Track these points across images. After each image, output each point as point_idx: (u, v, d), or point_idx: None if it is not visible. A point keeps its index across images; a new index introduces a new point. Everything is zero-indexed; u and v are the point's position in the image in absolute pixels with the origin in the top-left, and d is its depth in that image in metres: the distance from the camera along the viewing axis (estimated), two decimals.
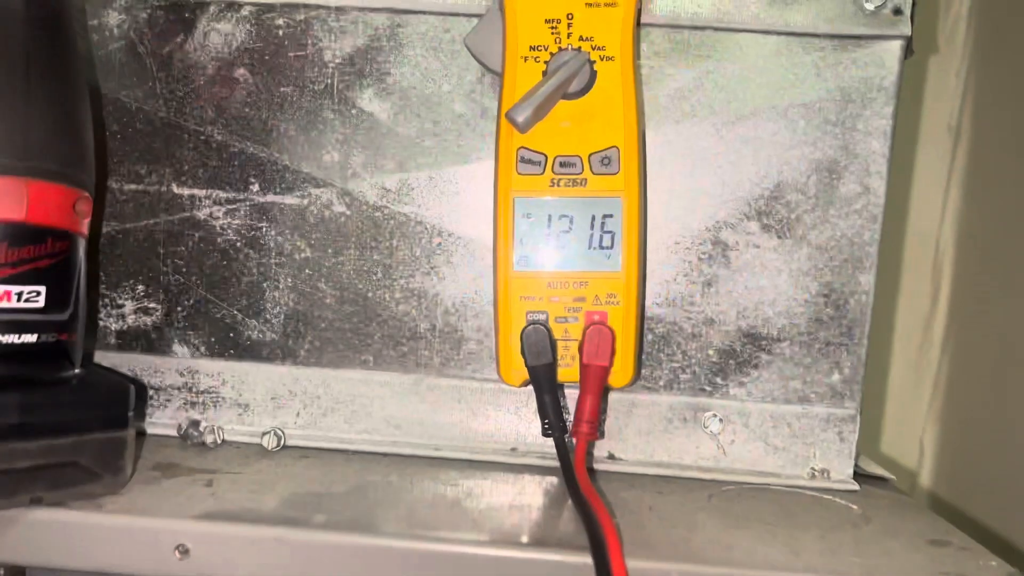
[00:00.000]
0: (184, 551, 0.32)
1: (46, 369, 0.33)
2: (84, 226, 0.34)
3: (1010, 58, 0.76)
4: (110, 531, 0.32)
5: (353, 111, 0.45)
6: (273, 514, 0.33)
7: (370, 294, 0.46)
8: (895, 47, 0.43)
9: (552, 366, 0.39)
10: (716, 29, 0.43)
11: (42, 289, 0.32)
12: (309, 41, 0.45)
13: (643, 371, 0.45)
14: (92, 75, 0.45)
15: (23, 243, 0.31)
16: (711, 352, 0.45)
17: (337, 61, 0.45)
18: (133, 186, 0.46)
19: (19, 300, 0.32)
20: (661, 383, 0.45)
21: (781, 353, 0.44)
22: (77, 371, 0.34)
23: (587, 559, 0.31)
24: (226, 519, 0.33)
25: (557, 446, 0.39)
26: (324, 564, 0.32)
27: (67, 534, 0.32)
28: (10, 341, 0.31)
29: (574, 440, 0.38)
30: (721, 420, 0.44)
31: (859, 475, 0.45)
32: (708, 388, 0.45)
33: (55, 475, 0.32)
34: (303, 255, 0.46)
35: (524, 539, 0.33)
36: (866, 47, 0.43)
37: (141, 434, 0.45)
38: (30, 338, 0.32)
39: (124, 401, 0.34)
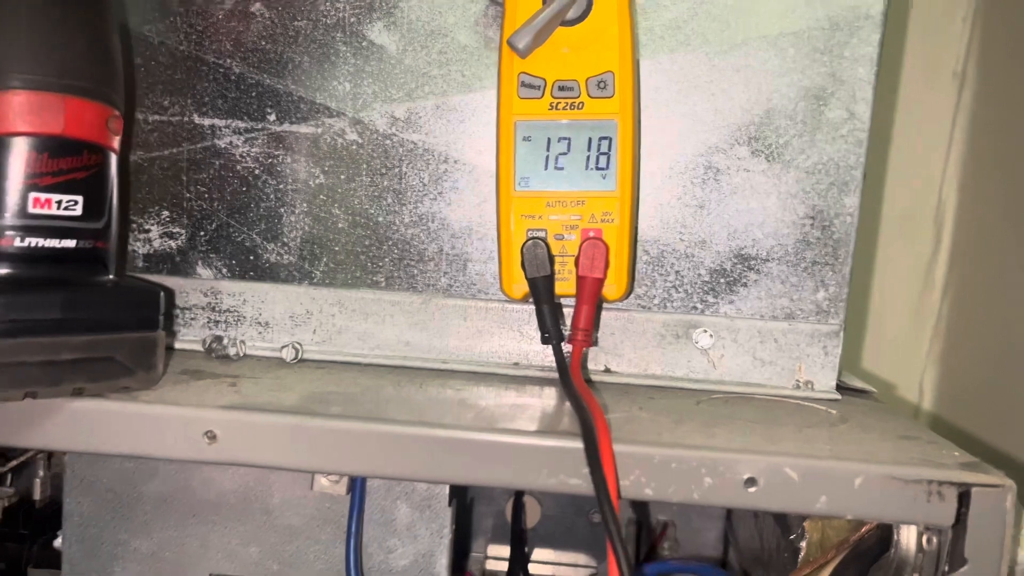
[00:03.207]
0: (212, 436, 0.35)
1: (84, 273, 0.36)
2: (116, 143, 0.37)
3: (1017, 4, 0.77)
4: (144, 419, 0.35)
5: (364, 43, 0.47)
6: (293, 406, 0.37)
7: (381, 218, 0.48)
8: None
9: (550, 278, 0.42)
10: None
11: (79, 199, 0.35)
12: None
13: (638, 290, 0.47)
14: (120, 10, 0.48)
15: (62, 155, 0.34)
16: (703, 272, 0.47)
17: None
18: (157, 116, 0.49)
19: (59, 208, 0.34)
20: (656, 301, 0.48)
21: (769, 272, 0.47)
22: (112, 277, 0.37)
23: (580, 444, 0.34)
24: (251, 409, 0.36)
25: (555, 352, 0.42)
26: (340, 449, 0.35)
27: (106, 422, 0.35)
28: (52, 245, 0.34)
29: (571, 347, 0.41)
30: (712, 336, 0.47)
31: (842, 388, 0.48)
32: (700, 306, 0.47)
33: (94, 369, 0.35)
34: (317, 181, 0.48)
35: (523, 427, 0.36)
36: None
37: (169, 348, 0.48)
38: (69, 243, 0.35)
39: (155, 304, 0.37)
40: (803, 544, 0.44)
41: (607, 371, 0.48)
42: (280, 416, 0.35)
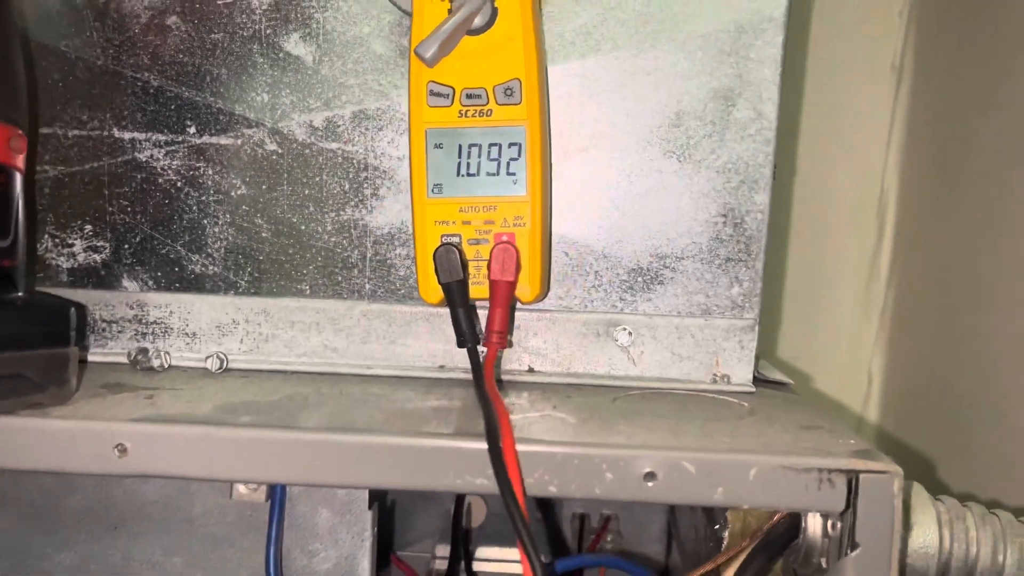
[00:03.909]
0: (123, 449, 0.35)
1: None
2: (20, 161, 0.37)
3: None
4: (54, 434, 0.36)
5: (280, 54, 0.48)
6: (205, 416, 0.37)
7: (303, 227, 0.49)
8: None
9: (464, 283, 0.43)
10: None
11: None
12: None
13: (559, 290, 0.48)
14: (24, 25, 0.48)
15: None
16: (621, 271, 0.48)
17: (264, 7, 0.48)
18: (76, 131, 0.49)
19: None
20: (576, 301, 0.49)
21: (685, 270, 0.48)
22: (21, 294, 0.38)
23: (485, 445, 0.35)
24: (161, 421, 0.36)
25: (470, 355, 0.42)
26: (251, 458, 0.36)
27: (16, 438, 0.36)
28: None
29: (485, 349, 0.42)
30: (631, 333, 0.48)
31: (761, 381, 0.49)
32: (619, 304, 0.48)
33: (3, 386, 0.36)
34: (239, 192, 0.49)
35: (437, 430, 0.37)
36: None
37: (83, 362, 0.48)
38: None
39: (65, 320, 0.38)
40: (726, 534, 0.45)
41: (530, 371, 0.49)
42: (190, 427, 0.36)
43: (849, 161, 0.88)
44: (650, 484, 0.35)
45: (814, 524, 0.39)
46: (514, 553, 0.68)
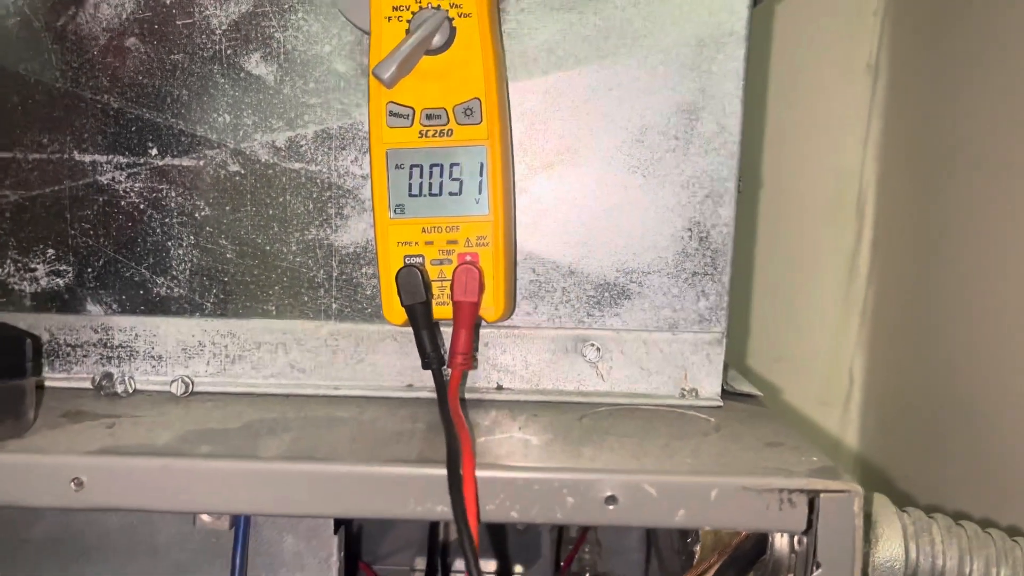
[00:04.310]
0: (79, 483, 0.35)
1: None
2: None
3: None
4: (10, 468, 0.35)
5: (241, 75, 0.48)
6: (163, 448, 0.37)
7: (268, 247, 0.49)
8: None
9: (427, 304, 0.43)
10: None
11: None
12: (195, 9, 0.47)
13: (527, 307, 0.48)
14: None
15: None
16: (588, 287, 0.48)
17: (224, 28, 0.47)
18: (37, 155, 0.48)
19: None
20: (544, 318, 0.48)
21: (651, 284, 0.48)
22: None
23: (444, 471, 0.35)
24: (119, 453, 0.36)
25: (435, 376, 0.42)
26: (209, 489, 0.35)
27: None
28: None
29: (450, 370, 0.42)
30: (599, 349, 0.48)
31: (730, 393, 0.49)
32: (587, 320, 0.48)
33: None
34: (203, 214, 0.49)
35: (392, 454, 0.36)
36: None
37: (41, 387, 0.47)
38: None
39: (21, 351, 0.37)
40: (697, 548, 0.45)
41: (499, 388, 0.49)
42: (148, 459, 0.36)
43: (827, 160, 0.88)
44: (611, 508, 0.35)
45: (781, 541, 0.39)
46: (492, 565, 0.68)
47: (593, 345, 0.48)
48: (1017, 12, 0.60)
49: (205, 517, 0.40)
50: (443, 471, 0.35)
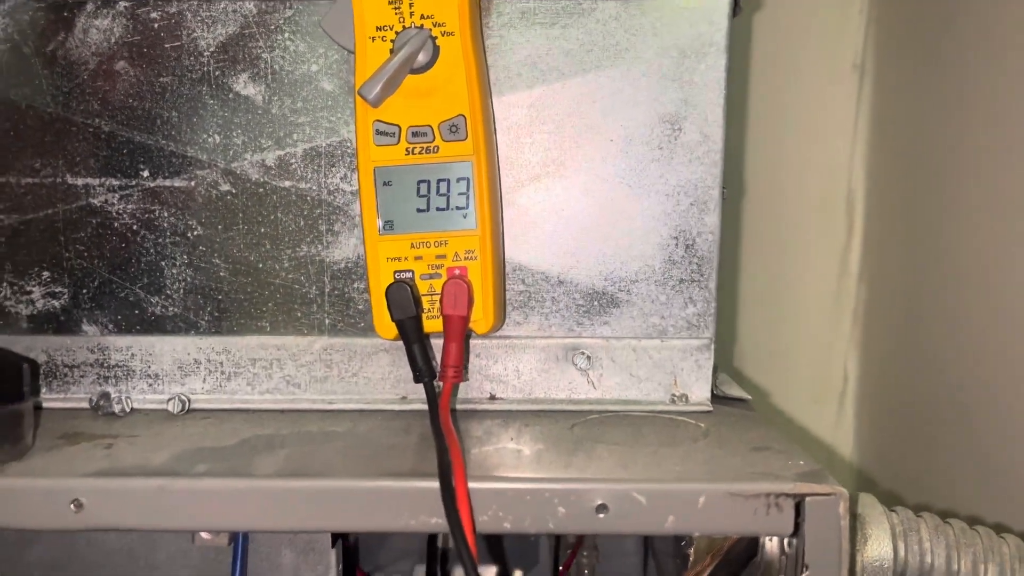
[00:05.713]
0: (79, 505, 0.36)
1: None
2: None
3: None
4: (10, 492, 0.36)
5: (230, 95, 0.48)
6: (160, 468, 0.37)
7: (261, 265, 0.49)
8: (723, 4, 0.47)
9: (417, 319, 0.43)
10: None
11: None
12: (183, 32, 0.48)
13: (517, 317, 0.49)
14: None
15: None
16: (577, 296, 0.49)
17: (211, 49, 0.48)
18: (29, 179, 0.49)
19: None
20: (535, 327, 0.49)
21: (640, 292, 0.49)
22: None
23: (437, 484, 0.35)
24: (116, 475, 0.37)
25: (426, 390, 0.43)
26: (204, 507, 0.36)
27: None
28: None
29: (441, 383, 0.43)
30: (589, 357, 0.49)
31: (720, 397, 0.50)
32: (577, 329, 0.49)
33: None
34: (196, 233, 0.49)
35: (386, 468, 0.37)
36: (697, 6, 0.47)
37: (38, 408, 0.48)
38: None
39: (18, 376, 0.38)
40: (691, 551, 0.46)
41: (492, 398, 0.49)
42: (146, 480, 0.36)
43: (816, 160, 0.89)
44: (602, 516, 0.35)
45: (771, 543, 0.40)
46: (491, 571, 0.69)
47: (584, 353, 0.49)
48: (1003, 10, 0.61)
49: (204, 534, 0.41)
50: (436, 484, 0.35)
